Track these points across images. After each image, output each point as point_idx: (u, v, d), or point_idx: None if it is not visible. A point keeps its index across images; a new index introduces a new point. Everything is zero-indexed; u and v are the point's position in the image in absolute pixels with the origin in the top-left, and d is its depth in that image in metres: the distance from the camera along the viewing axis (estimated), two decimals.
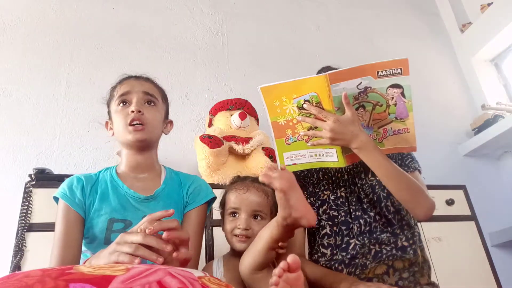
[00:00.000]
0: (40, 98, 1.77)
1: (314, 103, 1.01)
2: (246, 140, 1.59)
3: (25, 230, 1.21)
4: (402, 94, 1.03)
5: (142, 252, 0.68)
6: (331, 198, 1.15)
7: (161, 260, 0.67)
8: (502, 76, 2.59)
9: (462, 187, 1.84)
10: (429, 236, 1.65)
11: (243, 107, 1.70)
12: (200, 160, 1.53)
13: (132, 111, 1.01)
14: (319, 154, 1.07)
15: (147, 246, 0.69)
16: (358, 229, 1.08)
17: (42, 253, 1.14)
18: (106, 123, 1.11)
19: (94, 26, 2.01)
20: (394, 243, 1.06)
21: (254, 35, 2.30)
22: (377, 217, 1.09)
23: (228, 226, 1.01)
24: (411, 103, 1.04)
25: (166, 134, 1.14)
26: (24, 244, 1.20)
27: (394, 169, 1.01)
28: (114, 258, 0.69)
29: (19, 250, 1.18)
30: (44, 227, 1.22)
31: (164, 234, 0.68)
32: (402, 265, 1.04)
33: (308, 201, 1.18)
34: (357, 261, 1.05)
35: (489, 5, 2.54)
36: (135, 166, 1.06)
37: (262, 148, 1.57)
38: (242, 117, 1.64)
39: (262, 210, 1.00)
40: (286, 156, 1.08)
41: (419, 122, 1.06)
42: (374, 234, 1.07)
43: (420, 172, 1.16)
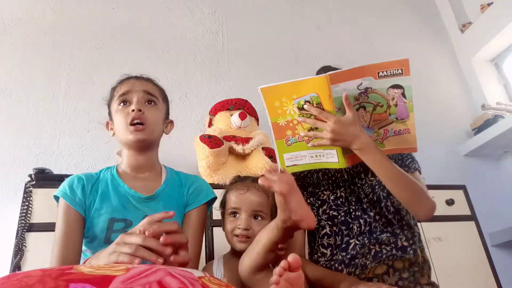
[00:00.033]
0: (40, 98, 1.77)
1: (315, 104, 1.01)
2: (246, 140, 1.59)
3: (25, 230, 1.21)
4: (403, 94, 1.02)
5: (142, 252, 0.68)
6: (331, 198, 1.15)
7: (161, 261, 0.67)
8: (502, 76, 2.59)
9: (462, 187, 1.85)
10: (429, 236, 1.64)
11: (243, 107, 1.70)
12: (200, 160, 1.53)
13: (132, 110, 1.01)
14: (320, 155, 1.06)
15: (147, 247, 0.69)
16: (358, 229, 1.08)
17: (42, 253, 1.14)
18: (107, 124, 1.11)
19: (94, 26, 2.01)
20: (394, 243, 1.06)
21: (254, 35, 2.30)
22: (377, 217, 1.09)
23: (228, 226, 1.01)
24: (412, 104, 1.03)
25: (167, 134, 1.14)
26: (24, 244, 1.20)
27: (395, 170, 1.01)
28: (114, 258, 0.69)
29: (19, 250, 1.18)
30: (44, 227, 1.22)
31: (161, 238, 0.68)
32: (402, 265, 1.04)
33: (308, 201, 1.18)
34: (357, 261, 1.05)
35: (489, 5, 2.54)
36: (136, 166, 1.06)
37: (262, 148, 1.57)
38: (242, 117, 1.65)
39: (262, 210, 1.00)
40: (287, 157, 1.08)
41: (419, 122, 1.05)
42: (374, 234, 1.07)
43: (420, 172, 1.16)
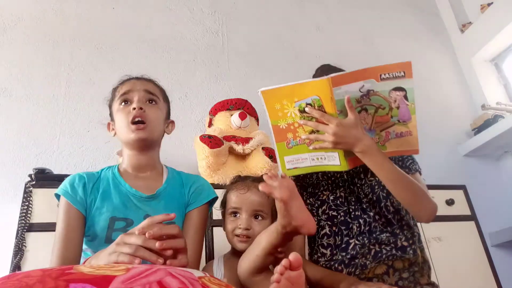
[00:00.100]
0: (40, 98, 1.77)
1: (316, 107, 0.99)
2: (246, 140, 1.59)
3: (25, 230, 1.21)
4: (405, 97, 1.01)
5: (142, 253, 0.68)
6: (331, 198, 1.15)
7: (161, 261, 0.67)
8: (502, 76, 2.59)
9: (462, 187, 1.85)
10: (429, 236, 1.65)
11: (243, 107, 1.70)
12: (200, 160, 1.53)
13: (133, 108, 1.01)
14: (321, 158, 1.05)
15: (147, 247, 0.69)
16: (358, 229, 1.08)
17: (42, 253, 1.14)
18: (108, 124, 1.12)
19: (94, 26, 2.01)
20: (394, 243, 1.06)
21: (254, 35, 2.30)
22: (376, 217, 1.09)
23: (229, 226, 1.01)
24: (414, 106, 1.02)
25: (168, 134, 1.15)
26: (24, 244, 1.20)
27: (397, 172, 1.00)
28: (114, 258, 0.69)
29: (19, 250, 1.18)
30: (44, 227, 1.23)
31: (157, 244, 0.68)
32: (402, 265, 1.04)
33: (307, 201, 1.18)
34: (357, 261, 1.05)
35: (489, 5, 2.54)
36: (137, 166, 1.06)
37: (262, 148, 1.57)
38: (242, 117, 1.64)
39: (263, 210, 1.00)
40: (287, 159, 1.07)
41: (419, 122, 1.04)
42: (374, 234, 1.07)
43: (420, 173, 1.16)
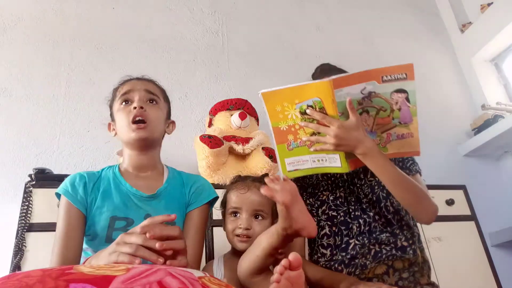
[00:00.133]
0: (40, 98, 1.77)
1: (318, 109, 0.99)
2: (246, 140, 1.59)
3: (25, 230, 1.21)
4: (407, 99, 1.01)
5: (143, 252, 0.68)
6: (330, 198, 1.15)
7: (161, 261, 0.67)
8: (502, 76, 2.59)
9: (462, 187, 1.85)
10: (429, 236, 1.65)
11: (243, 107, 1.70)
12: (200, 160, 1.53)
13: (134, 108, 1.01)
14: (322, 160, 1.05)
15: (147, 247, 0.69)
16: (358, 229, 1.08)
17: (42, 253, 1.14)
18: (109, 125, 1.12)
19: (94, 26, 2.01)
20: (394, 243, 1.06)
21: (254, 35, 2.30)
22: (376, 217, 1.09)
23: (229, 226, 1.01)
24: (416, 108, 1.02)
25: (169, 134, 1.15)
26: (24, 244, 1.20)
27: (399, 174, 1.00)
28: (114, 258, 0.69)
29: (19, 250, 1.18)
30: (44, 227, 1.23)
31: (158, 244, 0.68)
32: (402, 265, 1.04)
33: (307, 201, 1.18)
34: (357, 261, 1.05)
35: (489, 5, 2.54)
36: (138, 166, 1.06)
37: (262, 148, 1.57)
38: (242, 117, 1.64)
39: (263, 209, 1.00)
40: (288, 161, 1.06)
41: (419, 123, 1.04)
42: (374, 234, 1.07)
43: (420, 174, 1.16)
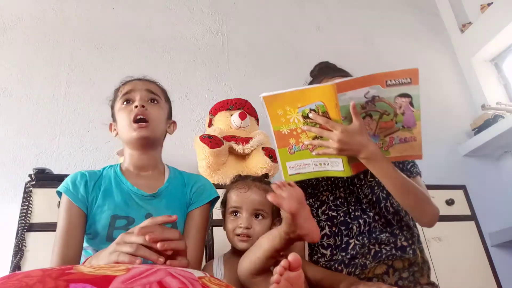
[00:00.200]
0: (40, 98, 1.77)
1: (320, 113, 0.98)
2: (246, 140, 1.59)
3: (25, 230, 1.21)
4: (411, 103, 1.00)
5: (143, 252, 0.68)
6: (330, 198, 1.15)
7: (162, 260, 0.67)
8: (502, 76, 2.59)
9: (462, 187, 1.85)
10: (429, 236, 1.65)
11: (243, 107, 1.70)
12: (200, 160, 1.53)
13: (135, 107, 1.02)
14: (324, 163, 1.04)
15: (148, 246, 0.69)
16: (358, 229, 1.08)
17: (42, 253, 1.14)
18: (110, 125, 1.12)
19: (94, 26, 2.01)
20: (394, 243, 1.06)
21: (254, 35, 2.30)
22: (376, 217, 1.09)
23: (229, 225, 1.01)
24: (420, 113, 1.01)
25: (170, 134, 1.15)
26: (24, 244, 1.20)
27: (401, 179, 1.00)
28: (114, 258, 0.69)
29: (19, 250, 1.18)
30: (44, 227, 1.23)
31: (158, 244, 0.68)
32: (402, 265, 1.04)
33: (307, 202, 1.18)
34: (356, 261, 1.05)
35: (489, 5, 2.54)
36: (139, 165, 1.06)
37: (262, 148, 1.57)
38: (242, 117, 1.64)
39: (263, 209, 1.00)
40: (290, 165, 1.05)
41: None
42: (374, 234, 1.07)
43: (420, 176, 1.15)
